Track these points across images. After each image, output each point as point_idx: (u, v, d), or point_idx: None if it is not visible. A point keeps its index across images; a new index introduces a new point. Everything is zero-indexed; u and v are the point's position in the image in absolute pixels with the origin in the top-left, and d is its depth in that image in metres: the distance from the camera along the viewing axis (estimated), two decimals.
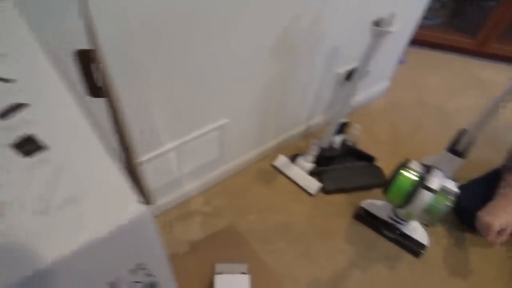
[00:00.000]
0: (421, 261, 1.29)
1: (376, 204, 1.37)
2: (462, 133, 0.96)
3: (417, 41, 2.06)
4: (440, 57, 2.07)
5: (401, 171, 1.09)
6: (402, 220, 1.27)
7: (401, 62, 2.00)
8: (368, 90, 1.74)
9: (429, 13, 2.01)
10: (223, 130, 1.18)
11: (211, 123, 1.14)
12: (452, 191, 1.03)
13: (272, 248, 1.27)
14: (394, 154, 1.60)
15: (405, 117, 1.74)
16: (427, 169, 1.06)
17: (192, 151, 1.16)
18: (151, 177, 1.12)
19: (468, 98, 1.89)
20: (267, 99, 1.27)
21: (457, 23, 2.03)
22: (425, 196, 1.01)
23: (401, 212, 1.14)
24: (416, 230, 1.33)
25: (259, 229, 1.32)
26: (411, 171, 1.08)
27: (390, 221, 1.31)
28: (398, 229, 1.31)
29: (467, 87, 1.95)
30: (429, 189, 1.01)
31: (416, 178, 1.05)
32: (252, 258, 1.23)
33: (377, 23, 0.92)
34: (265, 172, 1.49)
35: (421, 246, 1.29)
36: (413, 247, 1.30)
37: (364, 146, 1.59)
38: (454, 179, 1.08)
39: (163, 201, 1.28)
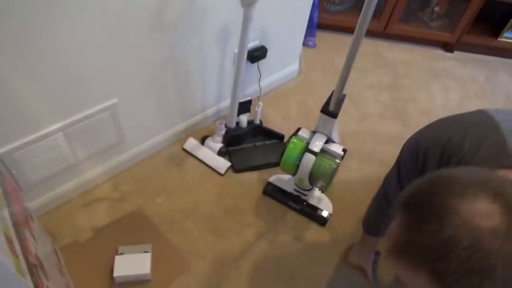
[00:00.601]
0: (326, 228, 1.34)
1: (283, 178, 1.42)
2: (331, 95, 1.02)
3: (326, 26, 2.16)
4: (349, 40, 2.13)
5: (290, 139, 1.14)
6: (305, 190, 1.32)
7: (312, 46, 2.08)
8: (279, 73, 1.79)
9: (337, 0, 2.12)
10: (114, 111, 1.16)
11: (98, 103, 1.12)
12: (334, 152, 1.09)
13: (179, 228, 1.28)
14: None
15: (315, 95, 1.81)
16: (313, 134, 1.12)
17: (84, 134, 1.14)
18: (40, 162, 1.09)
19: (375, 76, 2.00)
20: (161, 80, 1.26)
21: (360, 7, 2.12)
22: (309, 159, 1.06)
23: (297, 181, 1.18)
24: (321, 200, 1.39)
25: (167, 211, 1.32)
26: (299, 138, 1.13)
27: (296, 193, 1.36)
28: (304, 200, 1.37)
29: (375, 66, 2.06)
30: (311, 151, 1.06)
31: (302, 143, 1.10)
32: (157, 239, 1.23)
33: None
34: (175, 155, 1.49)
35: (326, 214, 1.35)
36: (318, 216, 1.35)
37: (277, 124, 1.64)
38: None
39: (63, 189, 1.24)
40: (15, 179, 1.06)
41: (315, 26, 2.05)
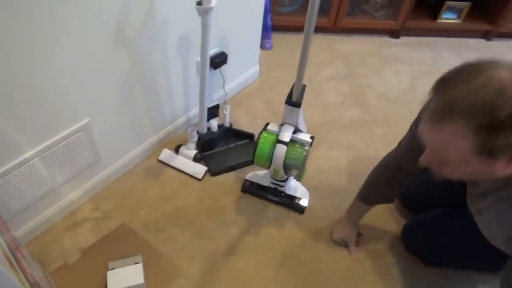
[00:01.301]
0: (306, 215, 1.42)
1: (259, 174, 1.48)
2: (292, 86, 1.10)
3: (280, 28, 2.26)
4: (302, 39, 2.29)
5: (261, 134, 1.21)
6: (281, 181, 1.39)
7: (269, 47, 2.18)
8: (241, 76, 1.87)
9: (286, 1, 2.22)
10: (87, 131, 1.19)
11: (71, 124, 1.14)
12: (303, 141, 1.17)
13: (165, 236, 1.31)
14: None
15: (278, 93, 1.90)
16: (281, 126, 1.19)
17: (61, 156, 1.16)
18: (22, 188, 1.10)
19: (332, 68, 2.12)
20: (129, 95, 1.30)
21: None
22: (280, 150, 1.14)
23: (272, 172, 1.25)
24: (297, 189, 1.46)
25: (151, 222, 1.35)
26: (269, 132, 1.20)
27: (273, 186, 1.43)
28: (281, 192, 1.43)
29: (331, 59, 2.18)
30: (282, 142, 1.13)
31: (273, 136, 1.17)
32: (146, 249, 1.26)
33: (200, 2, 1.02)
34: (152, 168, 1.52)
35: (303, 202, 1.42)
36: (297, 205, 1.43)
37: (245, 125, 1.71)
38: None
39: (46, 214, 1.25)
40: None
41: (270, 28, 2.14)
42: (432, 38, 2.43)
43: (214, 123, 1.54)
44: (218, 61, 1.53)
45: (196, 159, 1.51)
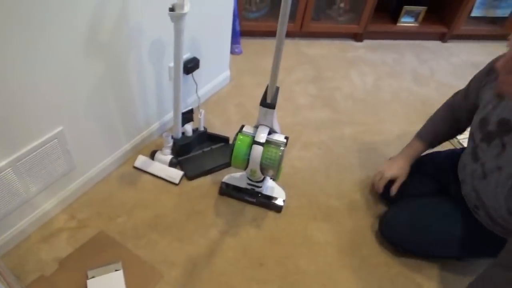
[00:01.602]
0: (283, 214, 1.46)
1: (235, 176, 1.51)
2: (266, 88, 1.14)
3: (249, 33, 2.31)
4: (272, 43, 2.33)
5: (237, 136, 1.24)
6: (258, 182, 1.42)
7: (239, 52, 2.22)
8: (213, 81, 1.89)
9: (254, 7, 2.27)
10: (61, 139, 1.17)
11: (44, 133, 1.12)
12: (278, 141, 1.21)
13: (145, 242, 1.31)
14: None
15: (250, 97, 1.94)
16: (257, 128, 1.23)
17: (34, 166, 1.13)
18: None
19: (301, 72, 2.18)
20: (102, 102, 1.29)
21: (277, 12, 2.32)
22: (257, 150, 1.17)
23: (249, 173, 1.28)
24: (273, 189, 1.50)
25: (130, 228, 1.34)
26: (244, 134, 1.23)
27: (250, 187, 1.46)
28: (258, 192, 1.47)
29: (299, 63, 2.25)
30: (258, 143, 1.17)
31: (248, 138, 1.21)
32: (126, 256, 1.25)
33: (173, 9, 1.04)
34: (128, 174, 1.51)
35: (280, 201, 1.46)
36: (274, 205, 1.46)
37: (220, 129, 1.73)
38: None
39: (20, 226, 1.22)
40: None
41: (239, 34, 2.19)
42: (393, 41, 2.56)
43: (189, 128, 1.55)
44: (190, 66, 1.54)
45: (172, 164, 1.52)
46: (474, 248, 1.23)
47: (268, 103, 1.13)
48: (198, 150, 1.61)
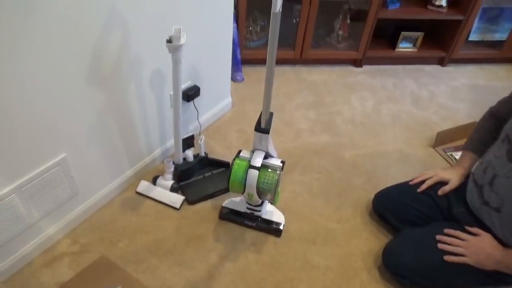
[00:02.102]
0: (282, 238, 1.47)
1: (235, 200, 1.53)
2: (260, 114, 1.18)
3: (250, 61, 2.38)
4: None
5: (234, 161, 1.27)
6: (257, 206, 1.44)
7: (240, 80, 2.28)
8: (214, 108, 1.95)
9: (254, 36, 2.36)
10: (64, 165, 1.22)
11: (47, 159, 1.17)
12: (274, 165, 1.23)
13: (145, 266, 1.33)
14: None
15: (251, 123, 1.94)
16: (253, 153, 1.26)
17: (38, 192, 1.18)
18: None
19: (301, 97, 2.23)
20: (105, 130, 1.34)
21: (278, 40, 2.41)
22: (252, 174, 1.20)
23: (246, 197, 1.30)
24: (273, 213, 1.51)
25: (131, 253, 1.36)
26: (241, 159, 1.26)
27: (249, 211, 1.48)
28: (258, 216, 1.48)
29: (299, 89, 2.30)
30: (253, 167, 1.20)
31: (245, 162, 1.24)
32: (126, 280, 1.26)
33: (170, 40, 1.10)
34: (130, 199, 1.55)
35: (279, 225, 1.47)
36: (273, 229, 1.47)
37: (221, 154, 1.77)
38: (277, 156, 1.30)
39: (23, 251, 1.25)
40: None
41: (240, 62, 2.26)
42: (392, 66, 2.61)
43: (190, 154, 1.59)
44: (191, 94, 1.60)
45: (173, 189, 1.55)
46: (498, 272, 1.18)
47: (262, 128, 1.16)
48: (199, 175, 1.64)
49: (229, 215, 1.50)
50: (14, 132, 1.04)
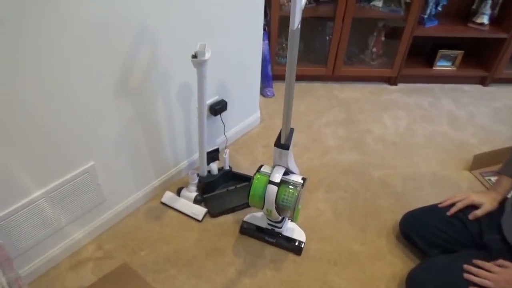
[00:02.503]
0: (303, 257, 1.43)
1: (256, 216, 1.52)
2: (281, 130, 1.17)
3: (281, 77, 2.38)
4: (304, 87, 2.41)
5: (254, 176, 1.27)
6: (277, 223, 1.42)
7: (270, 95, 2.30)
8: (242, 122, 1.97)
9: (285, 52, 2.36)
10: (92, 173, 1.28)
11: (76, 167, 1.23)
12: (294, 182, 1.22)
13: (164, 276, 1.34)
14: None
15: None
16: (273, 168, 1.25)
17: (66, 198, 1.24)
18: (28, 227, 1.17)
19: (332, 114, 2.20)
20: (133, 141, 1.40)
21: (309, 57, 2.42)
22: (271, 190, 1.19)
23: (266, 213, 1.29)
24: (294, 230, 1.49)
25: (151, 262, 1.39)
26: (262, 174, 1.26)
27: (270, 227, 1.46)
28: (278, 233, 1.46)
29: (330, 106, 2.28)
30: (272, 183, 1.19)
31: (265, 177, 1.23)
32: None
33: (195, 56, 1.13)
34: (154, 209, 1.58)
35: (300, 243, 1.44)
36: (293, 247, 1.45)
37: (246, 169, 1.77)
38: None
39: (50, 254, 1.31)
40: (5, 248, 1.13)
41: (271, 77, 2.28)
42: (429, 84, 2.52)
43: (214, 167, 1.61)
44: (218, 108, 1.63)
45: (196, 201, 1.57)
46: None
47: (282, 144, 1.16)
48: (223, 189, 1.65)
49: (250, 230, 1.49)
50: (48, 141, 1.11)
